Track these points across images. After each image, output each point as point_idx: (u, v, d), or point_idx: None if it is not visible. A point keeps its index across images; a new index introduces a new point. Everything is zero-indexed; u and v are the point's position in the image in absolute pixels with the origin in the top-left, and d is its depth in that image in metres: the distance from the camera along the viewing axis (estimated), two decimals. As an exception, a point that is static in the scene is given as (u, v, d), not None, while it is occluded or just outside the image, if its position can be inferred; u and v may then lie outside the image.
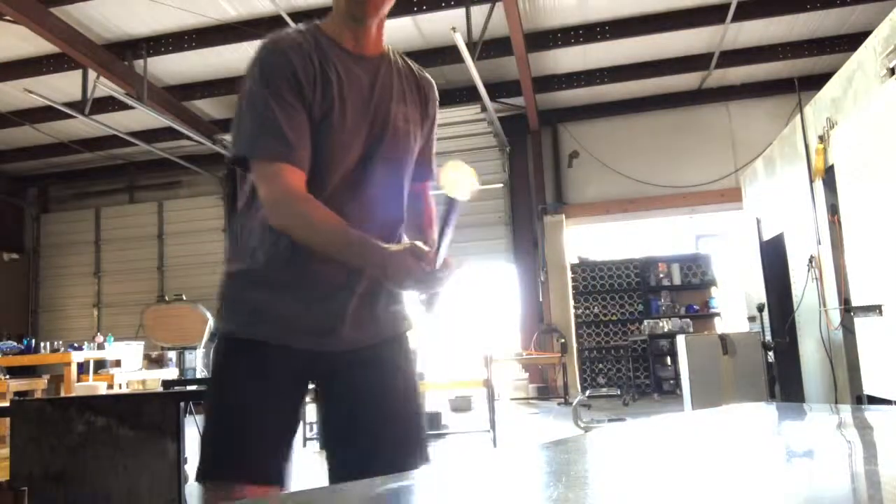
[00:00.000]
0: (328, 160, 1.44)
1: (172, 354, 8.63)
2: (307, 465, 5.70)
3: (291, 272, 1.46)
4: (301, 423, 1.60)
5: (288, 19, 6.74)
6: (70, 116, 8.49)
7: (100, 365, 7.96)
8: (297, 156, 1.37)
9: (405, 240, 1.61)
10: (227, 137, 8.46)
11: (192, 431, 2.14)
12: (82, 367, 7.44)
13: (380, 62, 1.52)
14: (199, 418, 1.60)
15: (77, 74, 7.78)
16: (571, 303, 9.99)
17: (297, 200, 1.35)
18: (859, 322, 4.29)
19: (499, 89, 8.92)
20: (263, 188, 1.38)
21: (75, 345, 7.71)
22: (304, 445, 6.35)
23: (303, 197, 1.36)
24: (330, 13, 1.50)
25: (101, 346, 7.78)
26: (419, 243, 1.33)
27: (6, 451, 2.44)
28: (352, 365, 1.54)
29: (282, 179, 1.35)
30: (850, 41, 7.57)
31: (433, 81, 1.64)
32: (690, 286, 10.73)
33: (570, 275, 10.16)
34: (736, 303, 8.90)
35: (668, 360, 10.20)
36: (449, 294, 1.50)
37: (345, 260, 1.38)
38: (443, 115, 7.95)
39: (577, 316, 10.32)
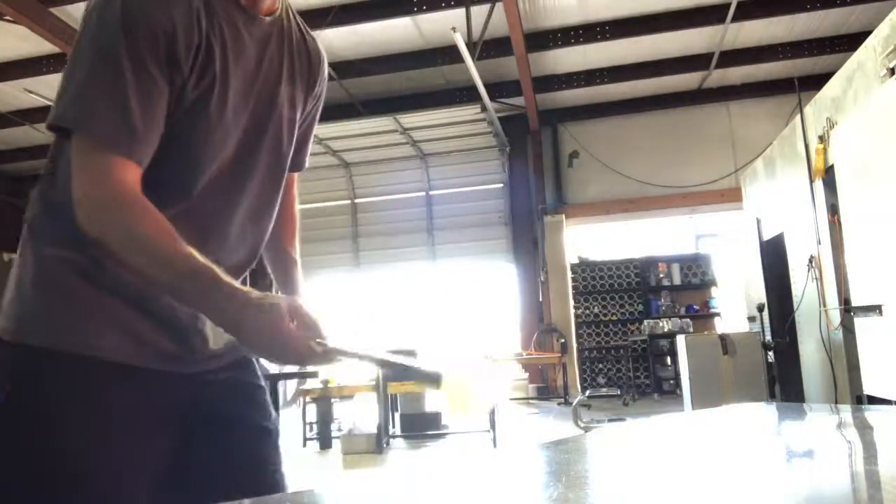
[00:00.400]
0: (195, 158, 1.08)
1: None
2: (307, 465, 5.70)
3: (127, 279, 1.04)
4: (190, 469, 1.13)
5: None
6: (70, 116, 8.48)
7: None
8: (139, 150, 0.99)
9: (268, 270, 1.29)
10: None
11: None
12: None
13: (271, 27, 1.17)
14: None
15: (77, 74, 7.78)
16: (571, 303, 9.98)
17: (130, 205, 0.97)
18: (859, 322, 4.29)
19: (499, 89, 8.92)
20: (82, 181, 0.98)
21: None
22: (304, 446, 6.36)
23: (133, 200, 0.97)
24: None
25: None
26: (299, 301, 1.00)
27: None
28: (213, 391, 1.17)
29: (112, 177, 0.97)
30: (850, 41, 7.56)
31: (324, 54, 1.32)
32: (690, 286, 10.73)
33: (570, 275, 10.16)
34: (736, 303, 8.90)
35: (668, 360, 10.20)
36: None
37: (179, 299, 1.01)
38: (443, 115, 7.96)
39: (577, 316, 10.31)
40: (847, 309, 4.53)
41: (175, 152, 1.05)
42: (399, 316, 10.73)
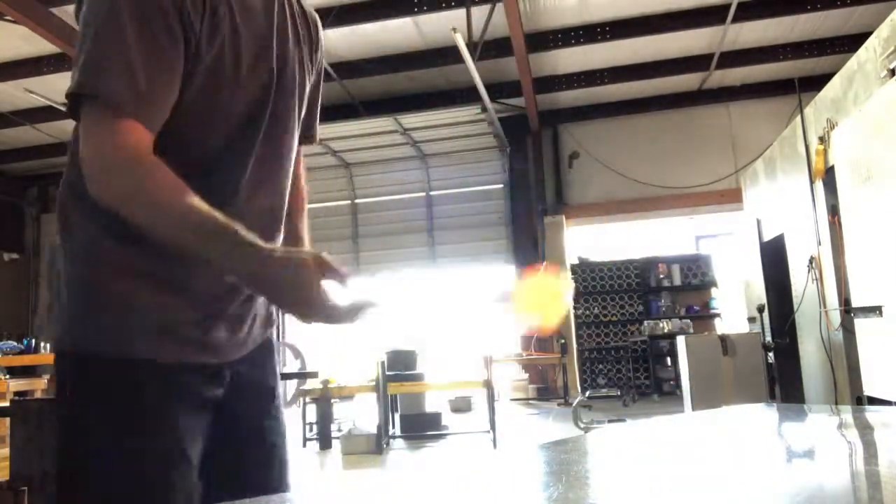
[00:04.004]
0: (209, 121, 1.06)
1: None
2: (307, 465, 5.70)
3: (161, 252, 1.01)
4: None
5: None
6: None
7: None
8: (148, 112, 0.97)
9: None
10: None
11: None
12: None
13: None
14: None
15: (77, 74, 7.78)
16: (571, 303, 9.97)
17: (138, 164, 0.94)
18: (859, 323, 4.29)
19: (499, 90, 8.92)
20: (88, 145, 0.97)
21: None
22: (304, 446, 6.35)
23: (147, 159, 0.95)
24: None
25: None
26: (325, 254, 0.99)
27: (6, 451, 2.43)
28: (239, 386, 1.18)
29: (118, 138, 0.94)
30: (851, 42, 7.57)
31: (318, 18, 1.32)
32: (690, 287, 10.73)
33: (570, 275, 10.15)
34: (736, 304, 8.90)
35: (669, 360, 10.20)
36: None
37: (201, 257, 0.98)
38: (443, 115, 7.96)
39: (577, 317, 10.32)
40: (847, 310, 4.53)
41: (192, 116, 1.03)
42: (399, 316, 10.70)
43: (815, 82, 6.57)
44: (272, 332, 1.28)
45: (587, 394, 9.03)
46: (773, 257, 6.42)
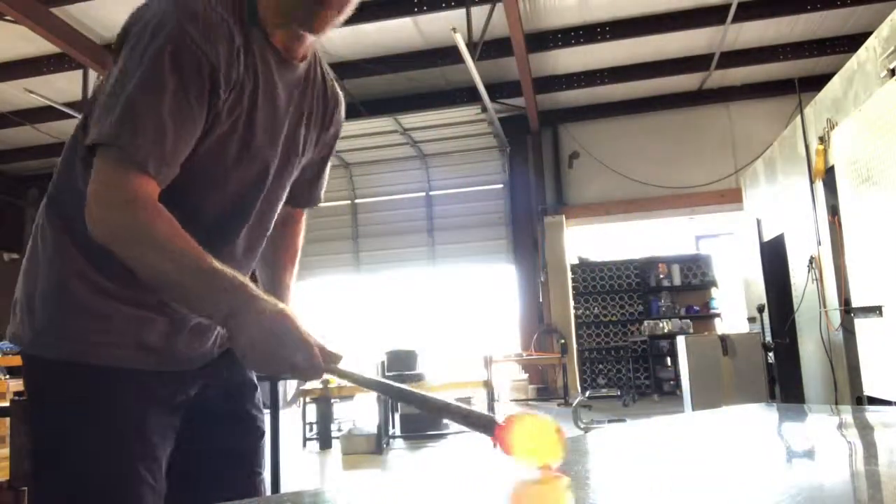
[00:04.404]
0: (210, 184, 1.12)
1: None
2: (307, 465, 5.70)
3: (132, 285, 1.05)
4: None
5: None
6: (70, 116, 8.48)
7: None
8: (164, 172, 1.00)
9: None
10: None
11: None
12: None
13: (301, 74, 1.21)
14: None
15: (77, 74, 7.78)
16: (571, 303, 9.98)
17: (144, 208, 0.97)
18: (859, 323, 4.29)
19: (499, 90, 8.92)
20: (99, 182, 0.98)
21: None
22: (304, 446, 6.36)
23: (153, 206, 0.98)
24: None
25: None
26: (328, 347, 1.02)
27: (6, 451, 2.43)
28: (212, 386, 1.23)
29: (130, 183, 0.97)
30: (851, 42, 7.57)
31: (342, 98, 1.37)
32: (690, 287, 10.73)
33: (570, 275, 10.16)
34: (736, 303, 8.90)
35: (669, 360, 10.20)
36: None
37: (193, 305, 1.02)
38: (443, 115, 7.96)
39: (577, 316, 10.31)
40: (847, 310, 4.53)
41: (192, 177, 1.07)
42: (399, 316, 10.73)
43: (815, 82, 6.56)
44: None
45: (587, 394, 9.03)
46: (773, 257, 6.41)
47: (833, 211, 4.74)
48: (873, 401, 4.11)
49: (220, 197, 1.14)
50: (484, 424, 0.93)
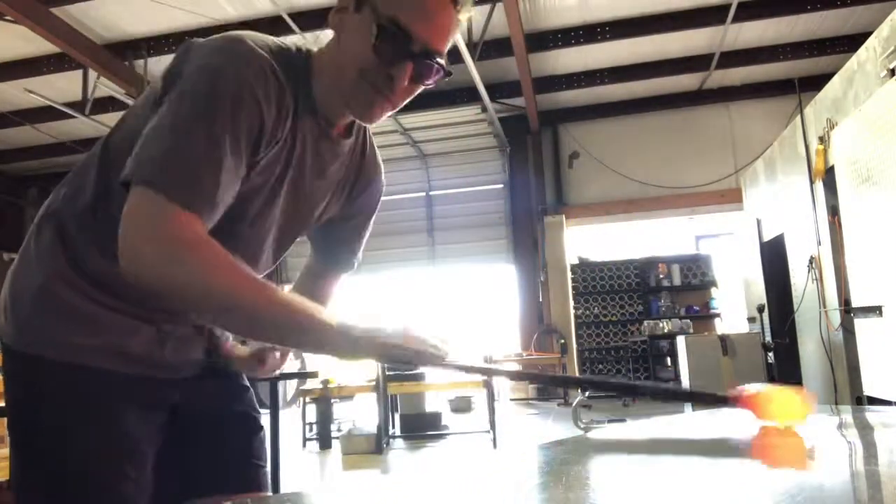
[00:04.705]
0: (239, 241, 1.11)
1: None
2: (307, 465, 5.70)
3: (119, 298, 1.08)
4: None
5: (289, 20, 6.73)
6: (70, 116, 8.48)
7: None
8: (210, 219, 0.97)
9: None
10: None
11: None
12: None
13: (343, 148, 1.20)
14: None
15: (77, 74, 7.78)
16: (571, 303, 9.99)
17: (200, 245, 0.93)
18: (859, 323, 4.29)
19: (499, 90, 8.92)
20: (139, 221, 0.92)
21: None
22: (304, 446, 6.35)
23: (207, 242, 0.94)
24: (325, 52, 1.12)
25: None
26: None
27: (6, 451, 2.43)
28: (202, 391, 1.24)
29: (178, 221, 0.92)
30: (851, 42, 7.56)
31: (382, 168, 1.35)
32: (690, 287, 10.73)
33: (569, 275, 10.16)
34: (736, 303, 8.90)
35: (669, 360, 10.20)
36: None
37: (290, 345, 1.11)
38: (443, 115, 7.94)
39: (576, 316, 10.32)
40: (847, 310, 4.53)
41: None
42: (399, 316, 10.71)
43: (815, 82, 6.57)
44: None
45: (587, 394, 9.02)
46: (773, 257, 6.42)
47: (833, 211, 4.74)
48: (873, 401, 4.12)
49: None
50: (717, 400, 1.02)
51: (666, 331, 9.91)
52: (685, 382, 5.89)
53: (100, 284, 1.07)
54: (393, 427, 6.56)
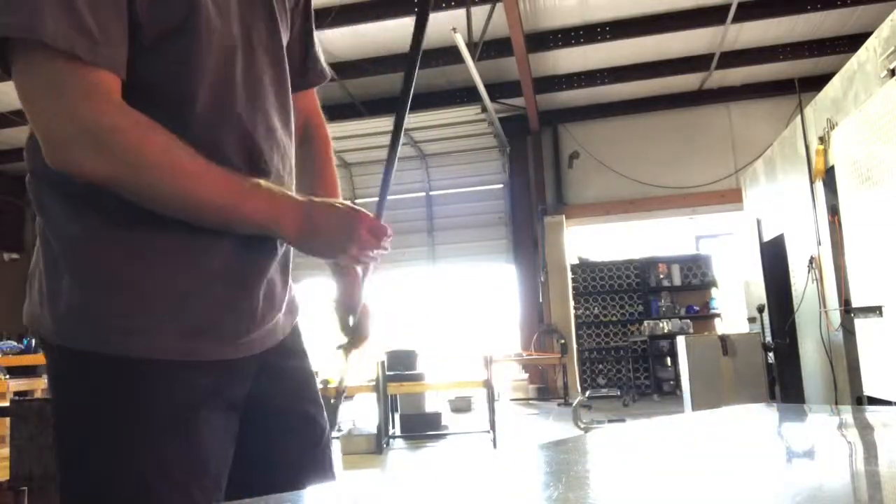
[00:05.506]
0: (189, 72, 0.90)
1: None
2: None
3: (174, 231, 0.88)
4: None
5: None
6: (70, 116, 8.49)
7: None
8: (105, 53, 0.80)
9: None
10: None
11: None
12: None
13: None
14: None
15: (77, 74, 7.78)
16: (571, 303, 9.99)
17: (129, 124, 0.80)
18: (859, 323, 4.29)
19: (499, 90, 8.92)
20: (46, 99, 0.81)
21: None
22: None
23: (136, 118, 0.81)
24: None
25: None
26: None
27: (6, 451, 2.44)
28: (269, 377, 1.04)
29: (90, 85, 0.78)
30: (851, 42, 7.57)
31: None
32: (691, 287, 10.73)
33: (570, 275, 10.17)
34: (736, 304, 8.90)
35: (669, 360, 10.20)
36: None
37: (231, 224, 0.88)
38: (443, 115, 7.94)
39: (577, 316, 10.32)
40: (847, 310, 4.53)
41: (159, 66, 0.88)
42: (399, 316, 10.73)
43: (815, 82, 6.56)
44: (297, 319, 1.16)
45: (587, 394, 9.03)
46: (773, 257, 6.41)
47: (833, 211, 4.74)
48: (873, 401, 4.11)
49: (193, 86, 0.92)
50: None
51: (666, 331, 9.91)
52: (685, 382, 5.89)
53: (140, 223, 0.87)
54: (393, 427, 6.56)
